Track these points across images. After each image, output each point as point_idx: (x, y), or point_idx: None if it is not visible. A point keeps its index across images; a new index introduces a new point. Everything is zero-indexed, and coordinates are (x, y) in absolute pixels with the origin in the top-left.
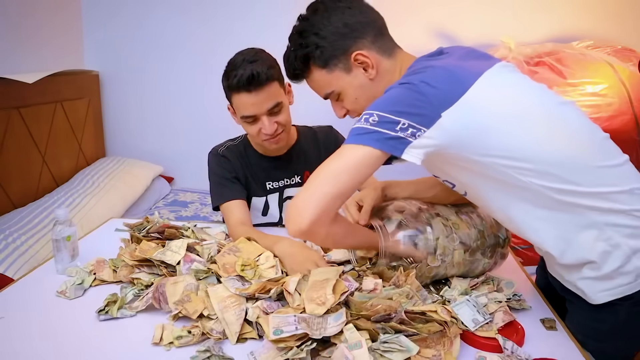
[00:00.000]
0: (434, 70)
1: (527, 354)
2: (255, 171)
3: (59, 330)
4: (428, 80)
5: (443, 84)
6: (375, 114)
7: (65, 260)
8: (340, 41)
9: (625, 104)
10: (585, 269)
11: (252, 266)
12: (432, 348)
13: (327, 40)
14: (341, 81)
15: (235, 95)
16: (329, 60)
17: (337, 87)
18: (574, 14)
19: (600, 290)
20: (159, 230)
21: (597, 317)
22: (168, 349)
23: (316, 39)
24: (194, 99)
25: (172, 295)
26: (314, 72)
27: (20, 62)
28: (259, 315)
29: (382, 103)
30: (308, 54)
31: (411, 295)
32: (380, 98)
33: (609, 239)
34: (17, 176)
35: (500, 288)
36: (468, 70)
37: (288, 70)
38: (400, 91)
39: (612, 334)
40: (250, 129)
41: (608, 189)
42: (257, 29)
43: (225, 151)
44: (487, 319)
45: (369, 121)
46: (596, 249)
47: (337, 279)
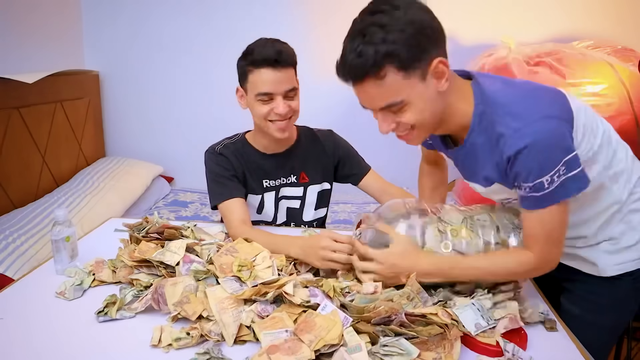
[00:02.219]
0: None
1: (528, 356)
2: (253, 168)
3: (57, 332)
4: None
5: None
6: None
7: (64, 261)
8: (426, 44)
9: (625, 104)
10: (604, 244)
11: (249, 267)
12: (432, 351)
13: (414, 40)
14: (415, 90)
15: (255, 72)
16: (411, 64)
17: (407, 96)
18: (574, 14)
19: (613, 263)
20: (158, 230)
21: (597, 291)
22: (167, 351)
23: (403, 37)
24: (194, 98)
25: (171, 296)
26: (388, 75)
27: (20, 62)
28: (253, 319)
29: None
30: (392, 52)
31: (412, 297)
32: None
33: (630, 221)
34: (17, 176)
35: (525, 308)
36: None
37: (353, 67)
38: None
39: (609, 307)
40: (262, 108)
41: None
42: (257, 29)
43: (223, 149)
44: (490, 325)
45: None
46: (619, 228)
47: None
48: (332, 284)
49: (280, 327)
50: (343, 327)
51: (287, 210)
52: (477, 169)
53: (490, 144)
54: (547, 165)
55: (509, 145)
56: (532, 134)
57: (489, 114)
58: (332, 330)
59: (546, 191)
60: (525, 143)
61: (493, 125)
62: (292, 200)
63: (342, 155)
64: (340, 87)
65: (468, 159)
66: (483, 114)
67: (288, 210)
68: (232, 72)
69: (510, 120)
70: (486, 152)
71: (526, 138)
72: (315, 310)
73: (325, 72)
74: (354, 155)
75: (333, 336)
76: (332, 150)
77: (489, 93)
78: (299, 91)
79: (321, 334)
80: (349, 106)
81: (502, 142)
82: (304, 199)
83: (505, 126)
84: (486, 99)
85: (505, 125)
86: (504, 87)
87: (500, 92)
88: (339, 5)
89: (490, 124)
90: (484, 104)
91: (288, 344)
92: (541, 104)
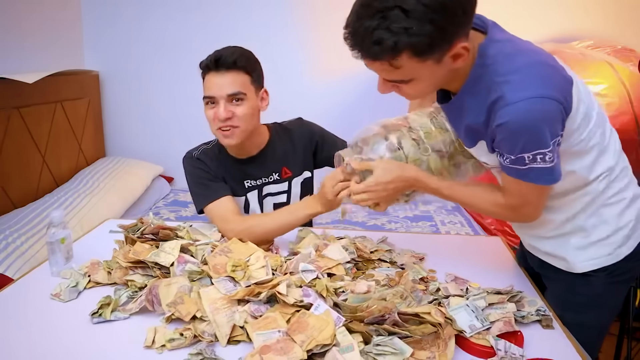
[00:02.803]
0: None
1: (520, 351)
2: (232, 171)
3: (52, 333)
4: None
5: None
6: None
7: (59, 263)
8: (452, 31)
9: (625, 104)
10: (574, 239)
11: (243, 267)
12: (426, 350)
13: (440, 31)
14: (427, 71)
15: (204, 79)
16: (431, 52)
17: (418, 76)
18: (574, 14)
19: (583, 259)
20: (154, 231)
21: (574, 290)
22: (160, 352)
23: (429, 28)
24: (194, 98)
25: (165, 297)
26: (403, 61)
27: (20, 62)
28: (246, 319)
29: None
30: (414, 44)
31: (405, 296)
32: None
33: (602, 214)
34: (17, 176)
35: (522, 305)
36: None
37: (367, 49)
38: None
39: (589, 305)
40: (207, 112)
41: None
42: (257, 29)
43: (200, 154)
44: (485, 326)
45: (545, 160)
46: (590, 221)
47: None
48: (325, 283)
49: (273, 328)
50: (335, 327)
51: (274, 206)
52: (460, 125)
53: (479, 106)
54: (532, 142)
55: (499, 115)
56: (525, 109)
57: (485, 80)
58: (324, 330)
59: (526, 167)
60: (517, 117)
61: (488, 90)
62: (278, 195)
63: (318, 140)
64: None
65: (454, 114)
66: (479, 78)
67: (275, 206)
68: None
69: (507, 90)
70: (473, 111)
71: (519, 112)
72: (308, 310)
73: (323, 73)
74: (330, 137)
75: (325, 336)
76: (308, 137)
77: (493, 58)
78: (253, 102)
79: (313, 334)
80: (347, 107)
81: (496, 107)
82: (289, 192)
83: (500, 92)
84: (487, 63)
85: (501, 92)
86: (512, 54)
87: (505, 59)
88: (339, 6)
89: (485, 88)
90: (483, 67)
91: (280, 344)
92: (543, 82)
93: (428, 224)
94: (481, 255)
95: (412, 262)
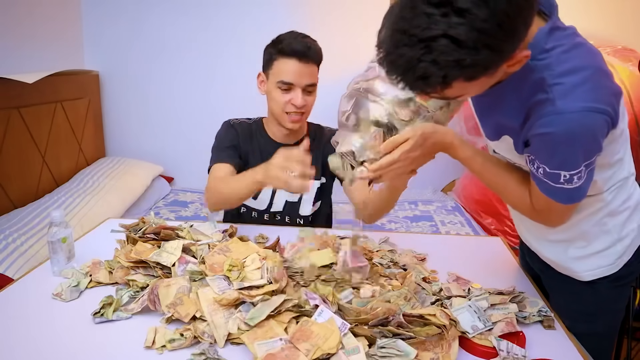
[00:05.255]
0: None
1: (522, 351)
2: (260, 152)
3: (53, 333)
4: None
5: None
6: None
7: (61, 262)
8: (512, 46)
9: (625, 104)
10: (571, 248)
11: (239, 267)
12: (430, 351)
13: (498, 54)
14: (477, 86)
15: (281, 60)
16: (485, 74)
17: (467, 92)
18: (573, 14)
19: (584, 269)
20: (155, 231)
21: (580, 300)
22: (160, 352)
23: (485, 54)
24: (194, 98)
25: (165, 298)
26: (451, 87)
27: (20, 62)
28: (239, 326)
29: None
30: (467, 74)
31: (409, 297)
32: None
33: (605, 224)
34: (17, 176)
35: (524, 305)
36: None
37: (411, 84)
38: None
39: (597, 314)
40: (281, 97)
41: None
42: (257, 29)
43: (238, 125)
44: (487, 327)
45: (581, 178)
46: (593, 231)
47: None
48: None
49: (272, 336)
50: (341, 334)
51: (286, 203)
52: (488, 117)
53: (519, 104)
54: (574, 160)
55: (544, 122)
56: (576, 122)
57: (534, 76)
58: (329, 338)
59: (559, 186)
60: (566, 129)
61: (535, 89)
62: (292, 194)
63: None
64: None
65: (485, 104)
66: (529, 73)
67: (286, 204)
68: (232, 72)
69: (559, 94)
70: (511, 109)
71: (570, 124)
72: (309, 317)
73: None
74: None
75: (331, 345)
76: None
77: (548, 52)
78: (316, 89)
79: (318, 343)
80: None
81: (542, 112)
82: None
83: (550, 95)
84: (541, 57)
85: (552, 95)
86: (569, 51)
87: (562, 57)
88: (340, 5)
89: (532, 85)
90: (535, 60)
91: (285, 352)
92: (600, 92)
93: (428, 224)
94: (482, 255)
95: (414, 263)
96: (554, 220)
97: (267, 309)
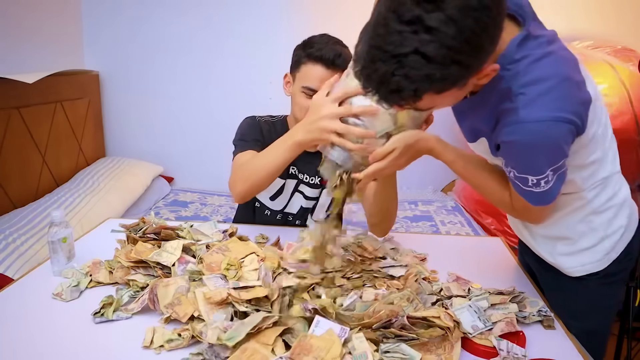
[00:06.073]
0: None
1: (522, 351)
2: None
3: (54, 333)
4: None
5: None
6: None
7: (61, 262)
8: (480, 63)
9: (625, 104)
10: (560, 245)
11: (237, 267)
12: (433, 353)
13: (466, 69)
14: (448, 98)
15: (309, 65)
16: (454, 87)
17: (438, 103)
18: (573, 14)
19: (572, 265)
20: (155, 231)
21: (571, 297)
22: (158, 352)
23: (454, 69)
24: (194, 98)
25: (163, 298)
26: (423, 99)
27: (20, 62)
28: (219, 336)
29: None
30: (437, 87)
31: (412, 299)
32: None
33: (591, 221)
34: (17, 176)
35: (524, 305)
36: None
37: (383, 96)
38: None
39: (588, 311)
40: (304, 102)
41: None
42: (257, 30)
43: (262, 121)
44: (487, 327)
45: (548, 182)
46: (579, 228)
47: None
48: (331, 296)
49: (263, 357)
50: (341, 340)
51: (300, 209)
52: (464, 120)
53: (490, 110)
54: (538, 167)
55: (508, 131)
56: (538, 132)
57: (502, 85)
58: (331, 349)
59: (528, 189)
60: (528, 138)
61: (502, 97)
62: (309, 200)
63: None
64: None
65: (462, 108)
66: (498, 81)
67: (301, 209)
68: (232, 72)
69: (522, 104)
70: (483, 114)
71: (531, 134)
72: (292, 332)
73: None
74: None
75: (334, 355)
76: None
77: (516, 62)
78: None
79: (320, 355)
80: None
81: (506, 120)
82: (318, 201)
83: (514, 104)
84: (509, 67)
85: (515, 105)
86: (537, 60)
87: (529, 67)
88: (339, 7)
89: (500, 93)
90: (503, 70)
91: None
92: (563, 101)
93: (428, 224)
94: (482, 255)
95: (414, 263)
96: (533, 218)
97: (246, 327)
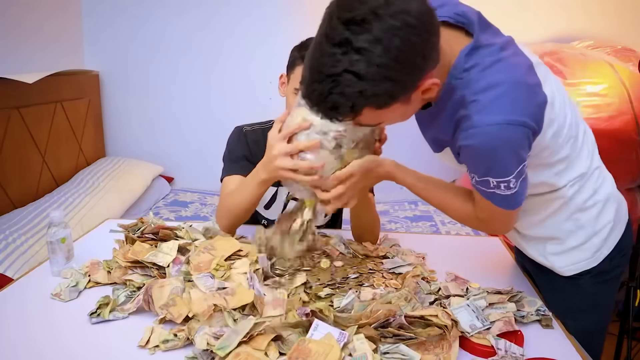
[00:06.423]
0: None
1: (521, 350)
2: None
3: (52, 333)
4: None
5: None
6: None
7: (60, 262)
8: (414, 79)
9: (625, 104)
10: (549, 245)
11: (226, 268)
12: (431, 352)
13: (400, 85)
14: (395, 112)
15: (302, 66)
16: (393, 102)
17: (387, 119)
18: (574, 14)
19: (563, 265)
20: (154, 231)
21: (566, 296)
22: (153, 352)
23: (387, 85)
24: (194, 99)
25: (158, 299)
26: (364, 114)
27: (20, 62)
28: (209, 341)
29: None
30: (372, 102)
31: (409, 298)
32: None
33: (578, 219)
34: (17, 176)
35: (522, 305)
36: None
37: (324, 112)
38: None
39: (584, 310)
40: None
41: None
42: (257, 30)
43: (250, 132)
44: (485, 326)
45: (509, 187)
46: (566, 226)
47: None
48: (327, 299)
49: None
50: (340, 345)
51: None
52: (427, 131)
53: (448, 119)
54: (496, 169)
55: (464, 136)
56: (491, 136)
57: (457, 94)
58: (329, 354)
59: (491, 191)
60: (482, 142)
61: (458, 106)
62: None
63: None
64: None
65: (425, 120)
66: (452, 91)
67: None
68: (231, 72)
69: (475, 111)
70: (443, 123)
71: (485, 138)
72: (283, 340)
73: None
74: None
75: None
76: None
77: (467, 71)
78: None
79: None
80: None
81: (462, 126)
82: None
83: (468, 112)
84: (461, 77)
85: (469, 112)
86: (488, 67)
87: (480, 75)
88: None
89: (456, 103)
90: (456, 80)
91: None
92: (515, 105)
93: (428, 224)
94: (481, 255)
95: (417, 263)
96: (498, 227)
97: (237, 336)
